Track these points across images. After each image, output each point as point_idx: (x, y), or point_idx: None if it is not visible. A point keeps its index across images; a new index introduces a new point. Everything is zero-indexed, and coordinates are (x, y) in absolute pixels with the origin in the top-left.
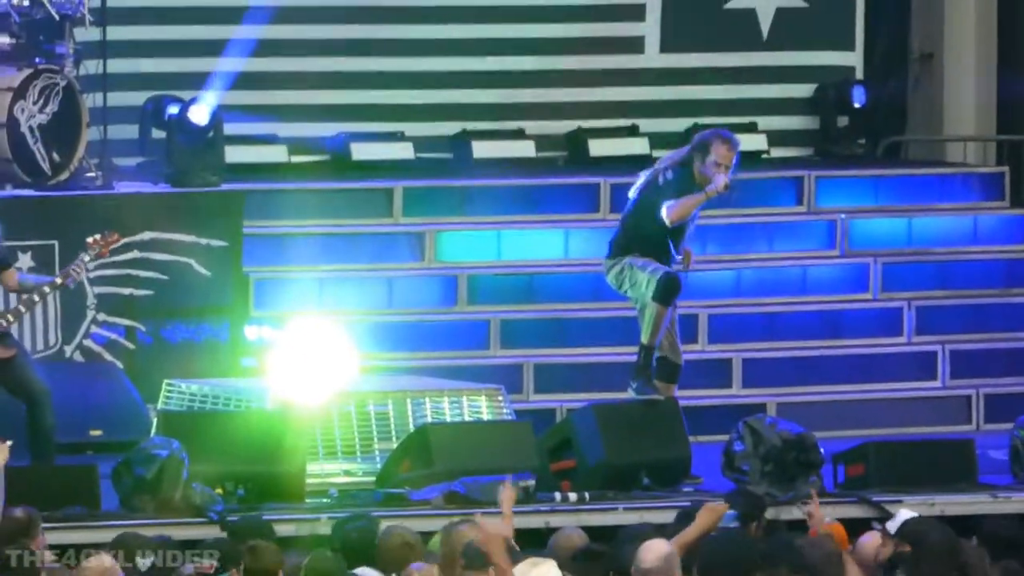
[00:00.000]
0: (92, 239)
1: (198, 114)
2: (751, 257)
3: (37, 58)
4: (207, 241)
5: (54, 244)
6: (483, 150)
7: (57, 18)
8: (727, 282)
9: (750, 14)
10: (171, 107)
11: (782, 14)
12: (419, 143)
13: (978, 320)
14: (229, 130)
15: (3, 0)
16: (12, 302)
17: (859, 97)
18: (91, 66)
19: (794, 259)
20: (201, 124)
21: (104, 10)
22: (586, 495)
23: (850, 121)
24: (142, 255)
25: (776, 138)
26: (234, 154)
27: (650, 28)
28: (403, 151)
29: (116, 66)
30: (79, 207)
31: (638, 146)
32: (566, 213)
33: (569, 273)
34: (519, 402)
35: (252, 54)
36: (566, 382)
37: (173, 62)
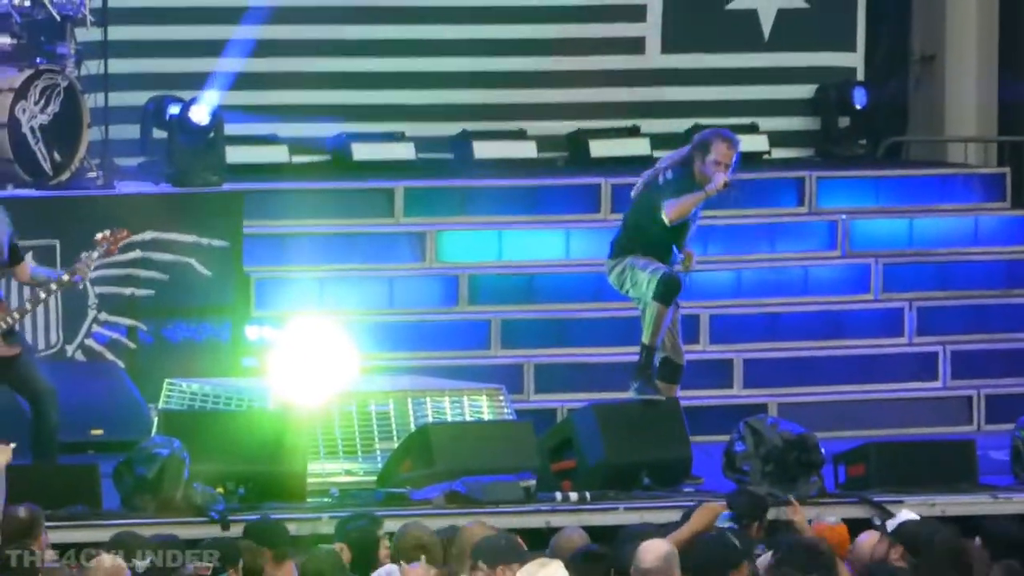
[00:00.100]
0: (101, 235)
1: (199, 114)
2: (752, 258)
3: (38, 58)
4: (208, 241)
5: (55, 244)
6: (484, 150)
7: (58, 18)
8: (728, 282)
9: (751, 15)
10: (172, 107)
11: (783, 15)
12: (420, 143)
13: (979, 321)
14: (230, 130)
15: (4, 0)
16: (15, 301)
17: (860, 98)
18: (92, 66)
19: (795, 260)
20: (202, 124)
21: (105, 10)
22: (587, 495)
23: (851, 122)
24: (143, 255)
25: (777, 139)
26: (235, 154)
27: (651, 29)
28: (404, 151)
29: (117, 66)
30: (80, 207)
31: (639, 147)
32: (567, 213)
33: (570, 273)
34: (520, 402)
35: (253, 54)
36: (567, 382)
37: (174, 62)
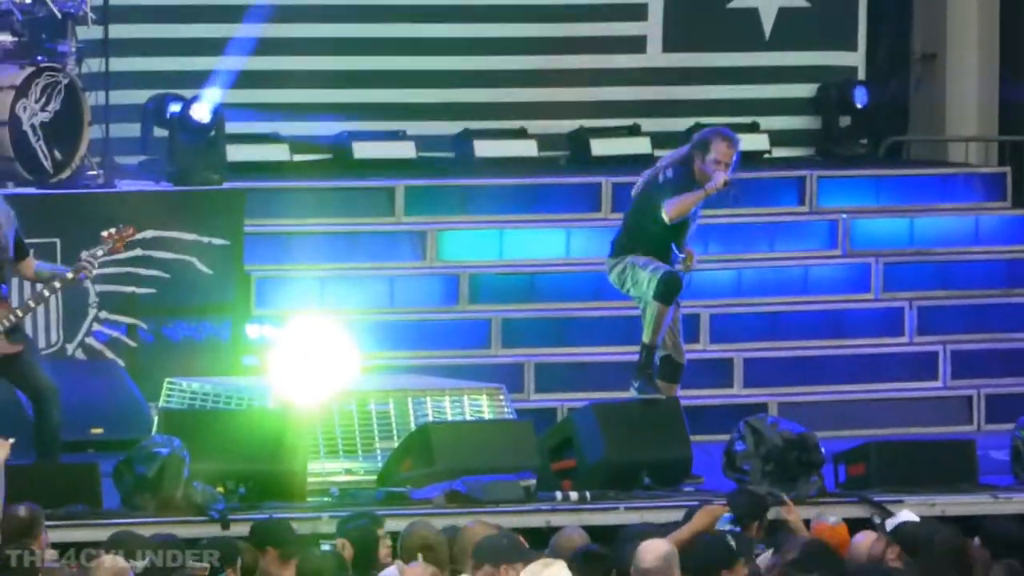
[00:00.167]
0: (107, 233)
1: (200, 112)
2: (753, 257)
3: (39, 56)
4: (209, 239)
5: (56, 242)
6: (485, 149)
7: (59, 16)
8: (729, 282)
9: (752, 14)
10: (173, 105)
11: (784, 14)
12: (421, 142)
13: (979, 320)
14: (231, 128)
15: None
16: (17, 299)
17: (861, 97)
18: (93, 64)
19: (796, 259)
20: (203, 122)
21: (106, 8)
22: (587, 494)
23: (852, 121)
24: (144, 253)
25: (778, 138)
26: (236, 152)
27: (652, 28)
28: (405, 150)
29: (118, 64)
30: (81, 205)
31: (640, 146)
32: (568, 212)
33: (571, 272)
34: (520, 401)
35: (254, 52)
36: (567, 381)
37: (175, 60)
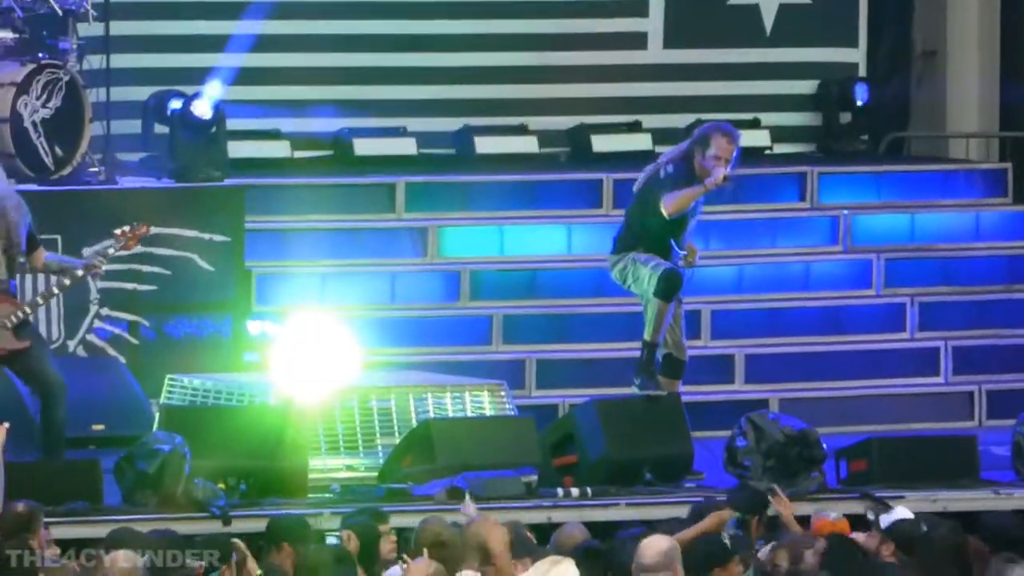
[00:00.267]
0: (120, 231)
1: (201, 109)
2: (754, 253)
3: (40, 53)
4: (210, 236)
5: (57, 239)
6: (486, 146)
7: (60, 13)
8: (730, 278)
9: (753, 10)
10: (174, 102)
11: (785, 10)
12: (422, 138)
13: (981, 316)
14: (232, 125)
15: None
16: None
17: (862, 94)
18: (94, 61)
19: (797, 255)
20: (204, 119)
21: (107, 5)
22: (588, 491)
23: (853, 118)
24: (145, 250)
25: (779, 134)
26: (237, 149)
27: (653, 24)
28: (406, 146)
29: (119, 61)
30: (82, 202)
31: (641, 142)
32: (569, 209)
33: (571, 269)
34: (521, 397)
35: (254, 49)
36: (568, 378)
37: (176, 57)
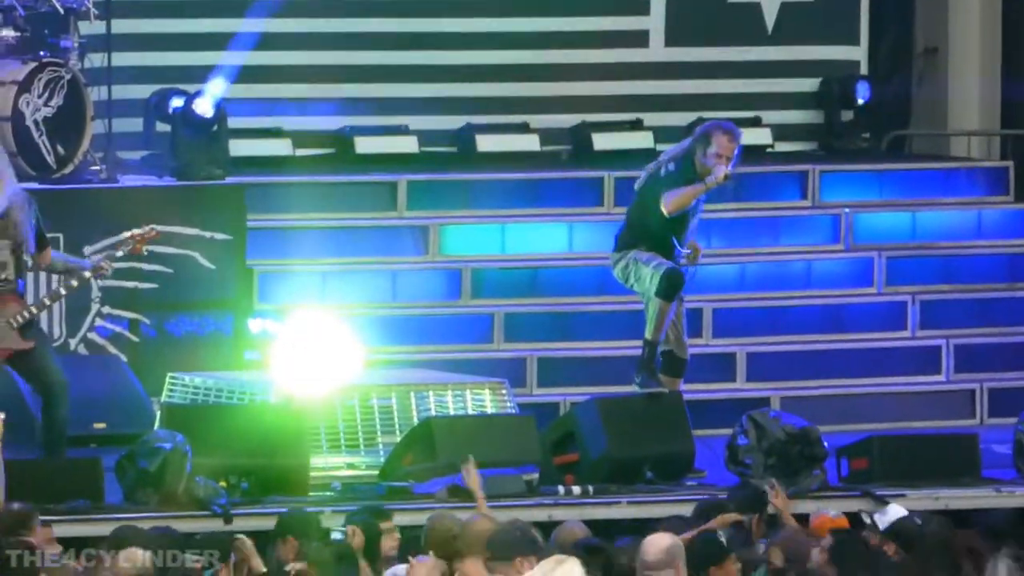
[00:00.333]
0: (130, 233)
1: (202, 107)
2: (755, 251)
3: (42, 51)
4: (211, 234)
5: (59, 237)
6: (487, 144)
7: (62, 12)
8: (731, 276)
9: (755, 8)
10: (175, 100)
11: (787, 8)
12: (423, 136)
13: (982, 314)
14: (233, 123)
15: None
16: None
17: (863, 92)
18: (96, 59)
19: (798, 253)
20: (205, 117)
21: (109, 3)
22: (589, 489)
23: (854, 116)
24: (146, 248)
25: (780, 132)
26: (238, 147)
27: (655, 22)
28: (407, 144)
29: (121, 59)
30: (83, 201)
31: (642, 140)
32: (570, 207)
33: (573, 267)
34: (523, 396)
35: (256, 47)
36: (570, 376)
37: (178, 55)
